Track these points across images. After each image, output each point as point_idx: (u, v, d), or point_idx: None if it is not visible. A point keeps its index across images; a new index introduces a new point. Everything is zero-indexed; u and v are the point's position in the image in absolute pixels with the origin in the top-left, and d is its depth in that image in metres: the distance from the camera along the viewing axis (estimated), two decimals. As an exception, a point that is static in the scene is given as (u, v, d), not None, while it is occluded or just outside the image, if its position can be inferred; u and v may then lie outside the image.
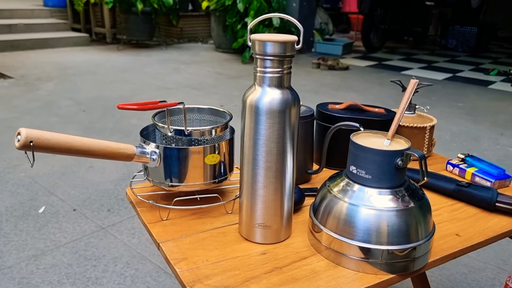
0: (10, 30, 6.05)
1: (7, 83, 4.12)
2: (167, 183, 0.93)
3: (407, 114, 1.30)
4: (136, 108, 0.68)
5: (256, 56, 0.77)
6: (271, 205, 0.82)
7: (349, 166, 0.82)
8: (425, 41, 7.84)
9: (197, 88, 4.19)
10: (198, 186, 0.93)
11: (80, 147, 0.81)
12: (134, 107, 0.68)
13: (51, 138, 0.77)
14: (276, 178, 0.80)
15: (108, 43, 6.67)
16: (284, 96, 0.77)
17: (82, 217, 1.90)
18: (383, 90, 4.31)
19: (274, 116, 0.77)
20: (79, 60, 5.33)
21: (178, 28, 7.24)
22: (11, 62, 4.98)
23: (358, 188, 0.80)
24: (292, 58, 0.77)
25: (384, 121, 1.16)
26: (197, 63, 5.48)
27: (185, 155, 0.90)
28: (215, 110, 1.04)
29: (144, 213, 0.94)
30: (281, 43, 0.74)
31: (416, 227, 0.77)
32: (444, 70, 5.51)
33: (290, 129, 0.79)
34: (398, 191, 0.78)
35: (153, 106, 0.73)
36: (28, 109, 3.37)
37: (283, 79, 0.77)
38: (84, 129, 2.98)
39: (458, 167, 1.18)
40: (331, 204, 0.82)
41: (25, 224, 1.82)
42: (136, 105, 0.70)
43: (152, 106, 0.72)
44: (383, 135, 0.86)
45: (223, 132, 0.97)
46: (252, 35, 0.77)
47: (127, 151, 0.88)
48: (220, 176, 0.96)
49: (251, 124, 0.79)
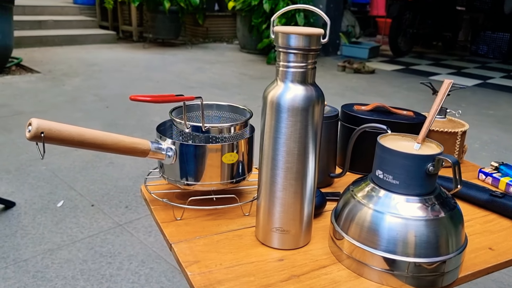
0: (40, 26, 6.17)
1: (34, 78, 4.18)
2: (182, 182, 0.89)
3: (437, 119, 1.23)
4: (149, 100, 0.64)
5: (279, 50, 0.73)
6: (290, 208, 0.77)
7: (375, 170, 0.77)
8: (454, 46, 7.65)
9: (221, 88, 4.17)
10: (214, 186, 0.89)
11: (93, 140, 0.78)
12: (147, 99, 0.64)
13: (63, 129, 0.75)
14: (297, 180, 0.76)
15: (135, 41, 6.74)
16: (308, 93, 0.72)
17: (99, 212, 1.88)
18: (410, 95, 4.21)
19: (297, 114, 0.72)
20: (105, 57, 5.38)
21: (204, 28, 7.26)
22: (40, 58, 5.07)
23: (384, 194, 0.75)
24: (318, 53, 0.73)
25: (413, 124, 1.10)
26: (222, 63, 5.47)
27: (202, 153, 0.86)
28: (234, 107, 1.00)
29: (157, 212, 0.90)
30: (306, 35, 0.70)
31: (446, 239, 0.71)
32: (474, 77, 5.35)
33: (313, 128, 0.74)
34: (427, 199, 0.73)
35: (167, 99, 0.69)
36: (53, 104, 3.41)
37: (307, 74, 0.73)
38: (106, 125, 2.98)
39: (491, 176, 1.10)
40: (354, 210, 0.77)
41: (43, 218, 1.82)
42: (150, 97, 0.66)
43: (166, 99, 0.69)
44: (412, 139, 0.80)
45: (243, 130, 0.92)
46: (276, 27, 0.73)
47: (142, 147, 0.84)
48: (238, 176, 0.92)
49: (271, 122, 0.74)
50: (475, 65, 6.23)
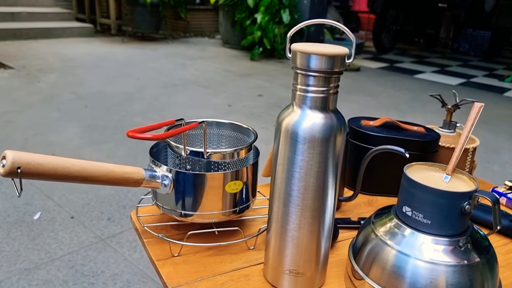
0: (13, 18, 5.91)
1: (7, 74, 3.98)
2: (179, 212, 0.79)
3: (446, 133, 1.16)
4: (150, 138, 0.54)
5: (296, 71, 0.63)
6: (306, 249, 0.68)
7: (401, 205, 0.68)
8: (436, 43, 7.68)
9: (205, 85, 4.05)
10: (215, 217, 0.80)
11: (79, 173, 0.67)
12: (148, 137, 0.54)
13: (44, 162, 0.64)
14: (313, 218, 0.67)
15: (113, 34, 6.53)
16: (329, 121, 0.63)
17: (80, 225, 1.76)
18: (396, 94, 4.17)
19: (316, 146, 0.63)
20: (82, 51, 5.18)
21: (185, 22, 7.09)
22: (13, 52, 4.84)
23: (410, 233, 0.66)
24: (341, 75, 0.64)
25: (425, 142, 1.03)
26: (204, 58, 5.33)
27: (202, 182, 0.76)
28: (237, 126, 0.90)
29: (151, 246, 0.80)
30: (329, 56, 0.60)
31: (482, 286, 0.63)
32: (457, 75, 5.36)
33: (334, 160, 0.65)
34: (460, 240, 0.65)
35: (171, 133, 0.59)
36: (28, 103, 3.23)
37: (329, 100, 0.63)
38: (85, 127, 2.84)
39: (505, 197, 1.04)
40: (376, 249, 0.68)
41: (18, 232, 1.69)
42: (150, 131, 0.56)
43: (170, 133, 0.58)
44: (440, 168, 0.72)
45: (247, 154, 0.83)
46: (293, 44, 0.63)
47: (135, 176, 0.74)
48: (241, 203, 0.82)
49: (286, 153, 0.65)
50: (458, 63, 6.25)
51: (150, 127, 0.59)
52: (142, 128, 0.56)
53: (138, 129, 0.55)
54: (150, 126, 0.59)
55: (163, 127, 0.63)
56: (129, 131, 0.54)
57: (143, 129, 0.56)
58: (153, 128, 0.60)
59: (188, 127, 0.64)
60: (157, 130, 0.70)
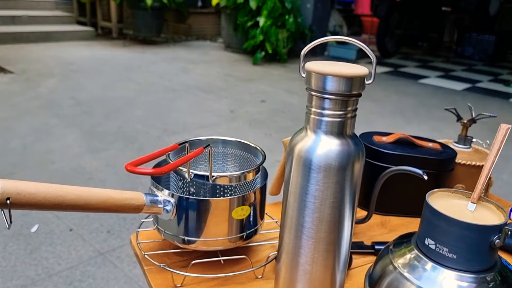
0: (13, 22, 5.87)
1: (7, 79, 3.93)
2: (181, 238, 0.74)
3: (462, 149, 1.10)
4: (152, 173, 0.49)
5: (311, 92, 0.58)
6: (320, 283, 0.63)
7: (423, 237, 0.63)
8: (440, 47, 7.63)
9: (206, 90, 4.00)
10: (220, 244, 0.74)
11: (74, 202, 0.62)
12: (149, 172, 0.49)
13: (35, 192, 0.58)
14: (328, 252, 0.61)
15: (114, 38, 6.48)
16: (346, 148, 0.58)
17: (79, 239, 1.71)
18: (401, 100, 4.11)
19: (332, 174, 0.58)
20: (83, 55, 5.14)
21: (187, 25, 7.04)
22: (13, 56, 4.80)
23: (432, 267, 0.61)
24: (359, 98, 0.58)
25: (441, 160, 0.97)
26: (206, 62, 5.29)
27: (207, 208, 0.71)
28: (243, 144, 0.85)
29: (152, 275, 0.75)
30: (347, 78, 0.55)
31: (513, 327, 0.58)
32: (462, 80, 5.30)
33: (351, 190, 0.60)
34: (488, 276, 0.59)
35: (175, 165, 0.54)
36: (27, 109, 3.18)
37: (346, 124, 0.58)
38: (84, 134, 2.79)
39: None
40: (394, 284, 0.63)
41: (15, 246, 1.64)
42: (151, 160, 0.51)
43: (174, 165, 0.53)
44: (464, 195, 0.67)
45: (255, 177, 0.78)
46: (308, 64, 0.58)
47: (135, 202, 0.68)
48: (248, 228, 0.77)
49: (298, 180, 0.60)
50: (462, 67, 6.20)
51: (151, 156, 0.54)
52: (142, 159, 0.51)
53: (138, 160, 0.50)
54: (151, 155, 0.54)
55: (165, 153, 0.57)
56: (127, 165, 0.49)
57: (143, 160, 0.51)
58: (154, 157, 0.55)
59: (193, 155, 0.59)
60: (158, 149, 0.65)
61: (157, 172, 0.51)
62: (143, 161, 0.51)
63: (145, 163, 0.51)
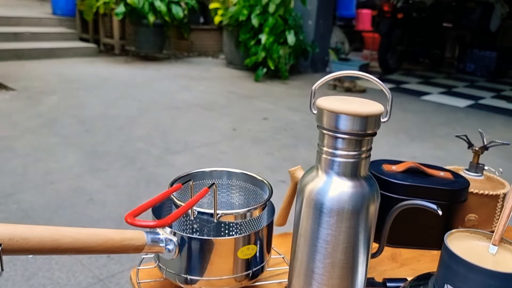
0: (15, 39, 5.88)
1: (8, 96, 3.92)
2: (184, 277, 0.70)
3: (474, 177, 1.07)
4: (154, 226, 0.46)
5: (323, 131, 0.55)
6: (332, 333, 0.59)
7: (442, 283, 0.59)
8: (441, 63, 7.63)
9: (208, 108, 3.98)
10: (225, 284, 0.70)
11: (71, 245, 0.58)
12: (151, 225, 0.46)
13: (29, 236, 0.55)
14: (341, 298, 0.58)
15: (117, 54, 6.50)
16: (359, 190, 0.54)
17: (77, 264, 1.67)
18: (405, 117, 4.08)
19: (345, 218, 0.54)
20: (85, 72, 5.14)
21: (189, 42, 7.06)
22: (15, 73, 4.80)
23: (452, 314, 0.57)
24: (374, 137, 0.55)
25: (454, 191, 0.93)
26: (208, 79, 5.28)
27: (211, 248, 0.67)
28: (249, 177, 0.81)
29: (153, 317, 0.71)
30: (362, 117, 0.52)
31: None
32: (465, 96, 5.27)
33: (366, 234, 0.56)
34: (513, 325, 0.55)
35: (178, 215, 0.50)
36: (28, 127, 3.16)
37: (360, 165, 0.55)
38: (85, 154, 2.76)
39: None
40: (411, 331, 0.59)
41: (12, 272, 1.60)
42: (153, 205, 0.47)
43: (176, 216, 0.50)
44: (484, 236, 0.63)
45: (261, 213, 0.74)
46: (319, 100, 0.55)
47: (135, 243, 0.64)
48: (255, 265, 0.73)
49: (309, 223, 0.56)
50: (464, 83, 6.18)
51: (153, 202, 0.50)
52: (143, 206, 0.48)
53: (139, 208, 0.46)
54: (153, 200, 0.50)
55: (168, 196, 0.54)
56: (127, 216, 0.45)
57: (145, 207, 0.48)
58: (156, 202, 0.51)
59: (197, 198, 0.56)
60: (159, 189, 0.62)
61: (160, 224, 0.47)
62: (143, 209, 0.48)
63: (146, 210, 0.48)
